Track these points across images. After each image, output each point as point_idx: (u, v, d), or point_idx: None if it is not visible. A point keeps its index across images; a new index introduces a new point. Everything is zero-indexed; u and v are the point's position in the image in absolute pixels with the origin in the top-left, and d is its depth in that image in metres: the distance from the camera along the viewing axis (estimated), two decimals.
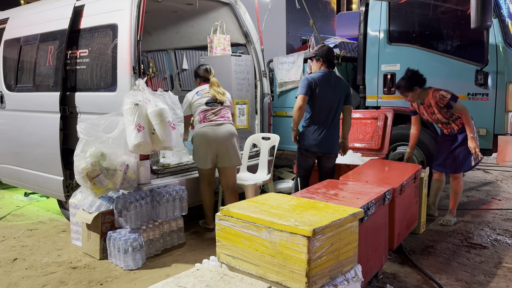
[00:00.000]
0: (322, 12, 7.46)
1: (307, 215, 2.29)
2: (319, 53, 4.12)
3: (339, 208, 2.42)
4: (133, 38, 3.81)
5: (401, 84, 4.31)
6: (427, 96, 4.27)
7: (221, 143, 4.14)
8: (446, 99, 4.15)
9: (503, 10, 4.81)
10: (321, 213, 2.32)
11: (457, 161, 4.31)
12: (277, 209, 2.41)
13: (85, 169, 3.43)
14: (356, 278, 2.36)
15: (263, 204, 2.51)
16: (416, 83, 4.25)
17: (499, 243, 3.92)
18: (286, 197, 2.72)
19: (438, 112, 4.24)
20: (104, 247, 3.65)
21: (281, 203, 2.56)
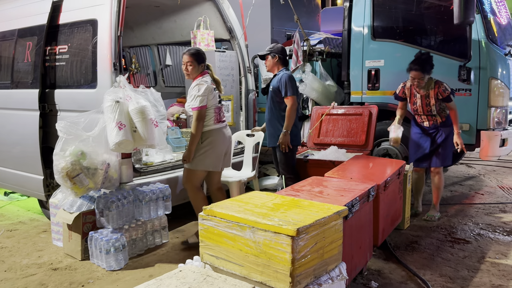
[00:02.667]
0: (306, 8, 7.44)
1: (291, 214, 2.26)
2: (275, 50, 4.16)
3: (323, 206, 2.40)
4: (114, 34, 3.73)
5: (421, 65, 4.12)
6: (430, 84, 4.22)
7: (230, 144, 3.98)
8: (448, 92, 4.16)
9: (485, 6, 4.85)
10: (305, 212, 2.29)
11: (443, 155, 4.31)
12: (261, 208, 2.38)
13: (65, 168, 3.35)
14: (341, 276, 2.35)
15: (247, 203, 2.47)
16: (432, 66, 4.18)
17: (482, 238, 3.96)
18: (271, 196, 2.69)
19: (433, 103, 4.22)
20: (85, 248, 3.58)
21: (266, 201, 2.52)
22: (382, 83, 5.23)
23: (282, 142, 4.04)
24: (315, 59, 5.77)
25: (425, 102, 4.25)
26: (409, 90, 4.36)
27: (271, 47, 4.21)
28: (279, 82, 4.06)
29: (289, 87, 4.02)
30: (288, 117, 4.03)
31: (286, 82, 4.02)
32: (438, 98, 4.18)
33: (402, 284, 3.12)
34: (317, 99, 5.60)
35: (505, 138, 4.75)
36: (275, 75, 4.18)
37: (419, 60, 4.18)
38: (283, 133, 4.03)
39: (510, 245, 3.79)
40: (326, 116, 5.15)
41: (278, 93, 4.08)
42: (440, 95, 4.16)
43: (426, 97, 4.23)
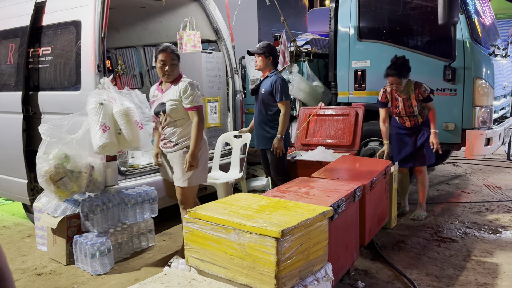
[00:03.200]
0: (293, 9, 7.44)
1: (276, 215, 2.25)
2: (269, 50, 4.08)
3: (309, 207, 2.39)
4: (98, 35, 3.69)
5: (397, 70, 4.15)
6: (410, 87, 4.26)
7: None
8: (428, 92, 4.21)
9: (469, 7, 4.89)
10: (291, 213, 2.28)
11: (426, 154, 4.35)
12: (247, 209, 2.37)
13: (48, 172, 3.30)
14: (327, 277, 2.34)
15: (232, 205, 2.46)
16: (408, 69, 4.23)
17: (468, 236, 3.99)
18: (256, 197, 2.68)
19: (415, 104, 4.25)
20: (70, 252, 3.53)
21: (251, 203, 2.51)
22: (369, 84, 5.25)
23: (277, 148, 4.01)
24: (302, 59, 5.78)
25: (407, 105, 4.29)
26: (390, 95, 4.40)
27: (265, 46, 4.08)
28: (272, 86, 4.01)
29: (283, 92, 3.98)
30: (282, 122, 3.99)
31: (281, 87, 3.97)
32: (419, 99, 4.23)
33: (389, 283, 3.13)
34: (304, 99, 5.60)
35: (490, 137, 4.79)
36: (266, 77, 4.11)
37: (395, 65, 4.21)
38: (278, 138, 3.99)
39: (495, 243, 3.82)
40: (313, 117, 5.16)
41: (271, 96, 4.04)
42: (420, 95, 4.22)
43: (407, 100, 4.28)
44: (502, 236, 3.97)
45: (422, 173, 4.45)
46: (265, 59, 4.07)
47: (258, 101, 4.18)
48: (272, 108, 4.07)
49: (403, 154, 4.43)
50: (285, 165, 4.22)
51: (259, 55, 4.06)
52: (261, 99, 4.12)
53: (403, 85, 4.23)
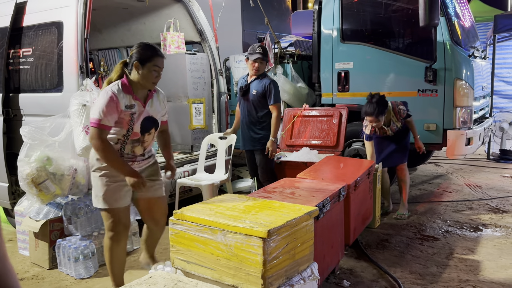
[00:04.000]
0: (277, 11, 7.48)
1: (262, 215, 2.25)
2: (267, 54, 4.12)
3: (294, 207, 2.40)
4: (80, 36, 3.65)
5: (373, 110, 4.13)
6: (390, 114, 4.34)
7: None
8: (405, 112, 4.34)
9: (449, 10, 4.99)
10: (277, 213, 2.29)
11: (403, 152, 4.48)
12: (233, 210, 2.37)
13: (30, 174, 3.25)
14: (313, 276, 2.36)
15: (218, 206, 2.46)
16: (385, 104, 4.21)
17: (450, 235, 4.06)
18: (242, 198, 2.68)
19: (399, 124, 4.40)
20: (53, 256, 3.47)
21: (237, 204, 2.51)
22: (352, 85, 5.31)
23: (272, 150, 4.05)
24: (286, 61, 5.81)
25: (393, 128, 4.44)
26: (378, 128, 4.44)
27: (266, 51, 4.08)
28: (265, 88, 4.02)
29: (276, 95, 4.03)
30: (275, 124, 4.03)
31: (273, 90, 4.01)
32: (400, 118, 4.37)
33: (374, 282, 3.16)
34: (288, 101, 5.63)
35: (470, 137, 4.89)
36: (256, 79, 4.11)
37: (371, 104, 4.17)
38: (272, 141, 4.03)
39: (476, 241, 3.90)
40: (298, 118, 5.19)
41: (262, 98, 4.06)
42: (400, 116, 4.35)
43: (392, 124, 4.41)
44: (483, 234, 4.05)
45: (403, 171, 4.53)
46: (265, 63, 4.13)
47: (246, 102, 4.17)
48: (262, 110, 4.10)
49: (383, 155, 4.51)
50: (273, 166, 4.25)
51: (263, 60, 4.07)
52: (251, 101, 4.12)
53: (382, 120, 4.25)
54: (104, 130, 2.54)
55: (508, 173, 6.48)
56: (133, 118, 2.64)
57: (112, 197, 2.72)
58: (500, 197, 5.24)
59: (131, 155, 2.74)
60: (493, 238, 3.95)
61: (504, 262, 3.44)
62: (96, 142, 2.53)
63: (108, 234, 2.79)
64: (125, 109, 2.60)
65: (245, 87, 4.16)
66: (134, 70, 2.63)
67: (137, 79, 2.64)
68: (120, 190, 2.73)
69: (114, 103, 2.55)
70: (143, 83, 2.66)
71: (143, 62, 2.62)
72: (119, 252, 2.84)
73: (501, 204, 4.97)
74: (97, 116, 2.52)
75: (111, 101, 2.54)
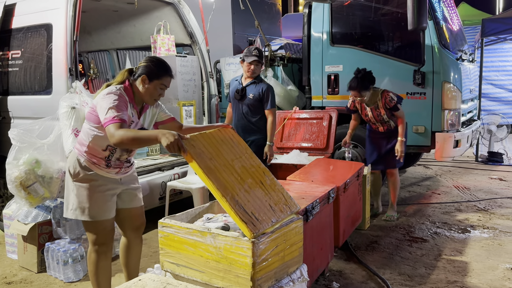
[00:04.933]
0: (268, 14, 7.51)
1: None
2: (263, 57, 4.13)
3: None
4: (69, 38, 3.64)
5: (357, 84, 4.18)
6: (376, 96, 4.32)
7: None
8: (394, 102, 4.26)
9: (437, 13, 5.05)
10: None
11: (395, 157, 4.44)
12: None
13: (19, 177, 3.23)
14: (302, 278, 2.37)
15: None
16: (371, 81, 4.26)
17: (438, 236, 4.10)
18: None
19: (384, 113, 4.34)
20: (42, 260, 3.45)
21: None
22: (342, 88, 5.34)
23: (270, 154, 4.08)
24: (277, 64, 5.83)
25: (376, 114, 4.37)
26: (359, 104, 4.44)
27: (259, 54, 4.06)
28: (261, 93, 4.04)
29: (272, 99, 4.05)
30: (271, 129, 4.05)
31: (270, 95, 4.04)
32: (386, 107, 4.30)
33: (363, 283, 3.18)
34: (279, 103, 5.65)
35: (458, 140, 4.94)
36: (252, 83, 4.10)
37: (355, 78, 4.21)
38: (269, 145, 4.06)
39: (464, 242, 3.94)
40: (288, 121, 5.21)
41: (258, 103, 4.08)
42: (387, 105, 4.27)
43: (376, 109, 4.35)
44: (471, 235, 4.10)
45: (393, 176, 4.55)
46: (261, 66, 4.13)
47: (242, 106, 4.16)
48: (257, 114, 4.12)
49: (374, 157, 4.52)
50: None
51: (259, 63, 4.07)
52: (247, 104, 4.12)
53: (366, 97, 4.26)
54: (124, 123, 2.27)
55: (495, 175, 6.57)
56: (130, 127, 2.48)
57: (101, 209, 2.55)
58: (488, 198, 5.30)
59: (118, 162, 2.59)
60: (481, 239, 4.00)
61: (492, 263, 3.48)
62: (119, 134, 2.21)
63: (94, 247, 2.62)
64: (130, 114, 2.47)
65: (242, 91, 4.15)
66: (140, 83, 2.50)
67: (139, 91, 2.52)
68: (109, 200, 2.59)
69: (123, 100, 2.39)
70: (144, 98, 2.55)
71: (151, 78, 2.50)
72: (107, 265, 2.69)
73: (489, 205, 5.03)
74: (110, 114, 2.28)
75: (120, 98, 2.38)
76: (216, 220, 2.44)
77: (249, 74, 4.10)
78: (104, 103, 2.34)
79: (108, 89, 2.45)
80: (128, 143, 2.26)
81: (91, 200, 2.52)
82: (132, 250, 2.82)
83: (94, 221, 2.55)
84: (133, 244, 2.82)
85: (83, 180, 2.52)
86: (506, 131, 7.63)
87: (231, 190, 2.14)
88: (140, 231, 2.85)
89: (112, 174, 2.58)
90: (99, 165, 2.52)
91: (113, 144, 2.30)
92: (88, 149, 2.51)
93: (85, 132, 2.54)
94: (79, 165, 2.52)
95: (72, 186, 2.55)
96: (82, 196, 2.52)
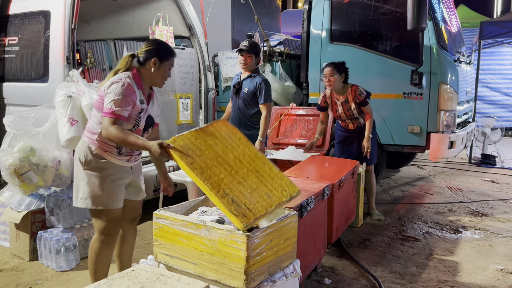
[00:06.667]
0: (267, 9, 7.49)
1: None
2: (259, 50, 4.10)
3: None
4: (67, 26, 3.61)
5: (332, 64, 4.30)
6: (346, 90, 4.33)
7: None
8: (363, 96, 4.27)
9: (437, 14, 5.06)
10: None
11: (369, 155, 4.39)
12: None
13: (13, 165, 3.21)
14: (295, 273, 2.38)
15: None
16: (345, 70, 4.31)
17: (430, 236, 4.13)
18: None
19: (354, 107, 4.32)
20: (34, 248, 3.43)
21: None
22: None
23: (260, 150, 4.02)
24: (275, 60, 5.82)
25: (346, 108, 4.36)
26: (330, 99, 4.45)
27: (256, 46, 4.05)
28: (256, 87, 4.01)
29: (267, 94, 4.00)
30: (264, 124, 4.00)
31: (265, 89, 3.99)
32: (356, 102, 4.30)
33: (354, 280, 3.20)
34: (276, 99, 5.65)
35: (453, 141, 4.97)
36: (249, 76, 4.10)
37: (331, 63, 4.32)
38: (260, 141, 3.99)
39: (456, 242, 3.97)
40: (285, 117, 5.21)
41: (253, 97, 4.05)
42: (356, 98, 4.28)
43: (346, 103, 4.35)
44: (463, 236, 4.14)
45: (369, 173, 4.55)
46: (255, 58, 4.08)
47: (238, 100, 4.16)
48: (253, 108, 4.10)
49: (345, 155, 4.48)
50: None
51: (250, 54, 4.04)
52: (242, 98, 4.11)
53: (338, 82, 4.28)
54: (119, 120, 2.34)
55: (488, 177, 6.62)
56: (140, 114, 2.50)
57: (112, 197, 2.54)
58: (480, 200, 5.35)
59: (129, 149, 2.57)
60: (472, 240, 4.04)
61: (482, 264, 3.51)
62: (111, 131, 2.29)
63: (100, 237, 2.59)
64: (139, 103, 2.47)
65: (238, 84, 4.15)
66: (151, 66, 2.50)
67: (150, 75, 2.53)
68: (120, 190, 2.58)
69: (131, 93, 2.40)
70: (155, 80, 2.57)
71: (162, 60, 2.52)
72: (108, 256, 2.66)
73: (481, 207, 5.07)
74: (113, 106, 2.32)
75: (128, 90, 2.38)
76: (211, 213, 2.44)
77: (241, 66, 4.10)
78: (111, 93, 2.36)
79: (117, 76, 2.45)
80: (118, 142, 2.34)
81: (103, 188, 2.51)
82: (126, 241, 2.82)
83: (104, 210, 2.54)
84: (128, 235, 2.82)
85: (94, 169, 2.50)
86: (500, 134, 7.68)
87: (221, 184, 2.14)
88: (135, 222, 2.87)
89: (123, 161, 2.58)
90: (111, 153, 2.51)
91: (103, 136, 2.35)
92: (99, 137, 2.48)
93: (95, 120, 2.52)
94: (90, 153, 2.50)
95: (83, 174, 2.52)
96: (93, 185, 2.50)
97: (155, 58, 2.50)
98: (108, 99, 2.34)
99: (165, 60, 2.54)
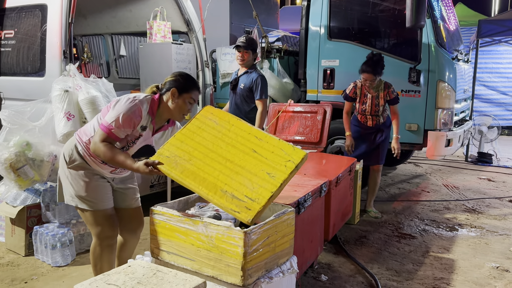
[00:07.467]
0: (265, 5, 7.46)
1: None
2: (256, 46, 4.09)
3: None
4: (64, 20, 3.59)
5: (370, 67, 4.18)
6: (380, 85, 4.32)
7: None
8: (395, 94, 4.29)
9: (435, 12, 5.05)
10: None
11: (381, 153, 4.46)
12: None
13: (9, 159, 3.19)
14: (292, 270, 2.37)
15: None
16: (383, 67, 4.26)
17: (426, 233, 4.14)
18: None
19: (382, 104, 4.33)
20: (30, 243, 3.42)
21: None
22: (337, 83, 5.34)
23: None
24: (273, 56, 5.80)
25: (374, 103, 4.35)
26: (360, 90, 4.43)
27: (253, 42, 4.04)
28: (253, 83, 4.00)
29: (263, 90, 3.99)
30: (259, 120, 3.98)
31: (261, 85, 3.97)
32: (386, 99, 4.30)
33: (351, 277, 3.21)
34: (274, 96, 5.64)
35: (450, 139, 4.98)
36: (246, 72, 4.09)
37: (370, 61, 4.24)
38: None
39: (452, 240, 3.99)
40: (282, 113, 5.20)
41: (250, 92, 4.04)
42: (388, 96, 4.29)
43: (376, 98, 4.34)
44: (459, 234, 4.15)
45: (378, 172, 4.56)
46: (252, 54, 4.06)
47: (235, 96, 4.14)
48: (249, 104, 4.09)
49: (358, 152, 4.49)
50: None
51: (247, 50, 4.01)
52: (239, 94, 4.09)
53: (376, 82, 4.27)
54: (112, 139, 2.28)
55: (484, 175, 6.64)
56: (135, 140, 2.42)
57: (99, 197, 2.47)
58: (476, 198, 5.36)
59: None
60: (468, 238, 4.05)
61: (478, 262, 3.53)
62: (99, 147, 2.25)
63: (98, 242, 2.51)
64: (139, 129, 2.38)
65: (235, 80, 4.14)
66: (170, 97, 2.40)
67: (168, 106, 2.42)
68: (106, 188, 2.50)
69: (137, 117, 2.31)
70: (173, 113, 2.44)
71: (181, 91, 2.41)
72: (111, 258, 2.58)
73: (477, 205, 5.09)
74: (113, 124, 2.26)
75: (135, 114, 2.30)
76: (207, 209, 2.43)
77: (238, 62, 4.08)
78: (119, 108, 2.29)
79: (137, 94, 2.39)
80: (104, 159, 2.30)
81: (88, 188, 2.44)
82: (127, 248, 2.73)
83: (94, 212, 2.46)
84: (129, 243, 2.74)
85: (77, 168, 2.44)
86: (496, 132, 7.71)
87: (218, 182, 2.13)
88: (137, 232, 2.73)
89: (106, 172, 2.49)
90: (95, 159, 2.43)
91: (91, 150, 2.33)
92: (89, 142, 2.40)
93: (93, 124, 2.45)
94: (76, 152, 2.44)
95: (67, 173, 2.46)
96: (78, 186, 2.44)
97: (173, 89, 2.39)
98: (113, 114, 2.27)
99: (185, 92, 2.41)
